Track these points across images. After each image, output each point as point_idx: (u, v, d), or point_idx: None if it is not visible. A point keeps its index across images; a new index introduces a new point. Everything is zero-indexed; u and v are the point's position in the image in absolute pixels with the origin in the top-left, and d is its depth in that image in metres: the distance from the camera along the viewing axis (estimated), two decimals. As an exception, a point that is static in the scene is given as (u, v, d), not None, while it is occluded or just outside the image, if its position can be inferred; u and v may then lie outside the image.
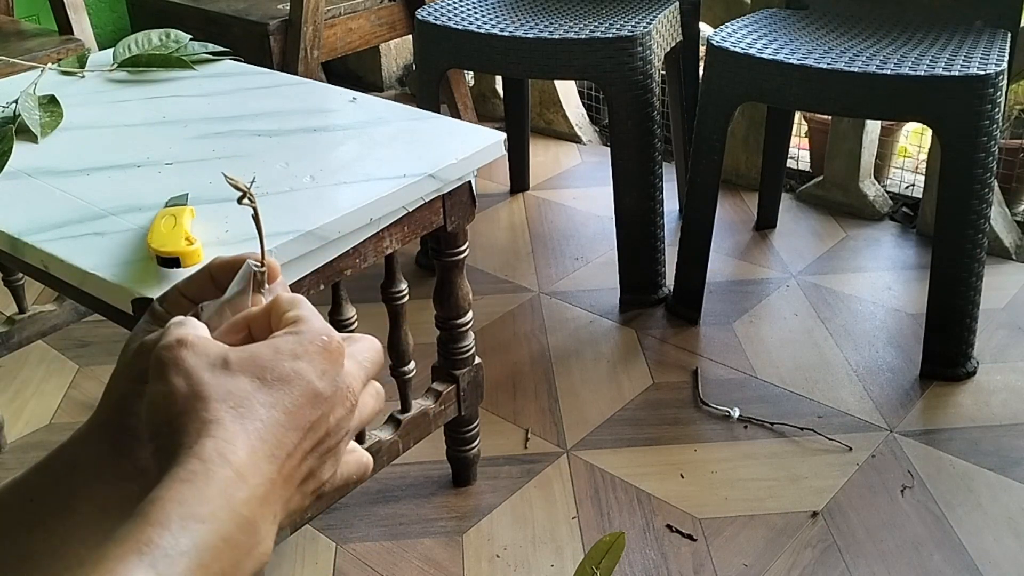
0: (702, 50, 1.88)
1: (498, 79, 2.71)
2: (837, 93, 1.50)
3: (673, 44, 1.92)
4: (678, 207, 2.04)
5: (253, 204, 0.45)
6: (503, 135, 1.14)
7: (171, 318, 0.44)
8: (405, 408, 1.27)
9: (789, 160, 2.18)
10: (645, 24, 1.71)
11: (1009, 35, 1.62)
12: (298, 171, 1.06)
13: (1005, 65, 1.46)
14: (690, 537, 1.30)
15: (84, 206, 0.99)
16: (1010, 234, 2.00)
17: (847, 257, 2.01)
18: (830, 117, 2.17)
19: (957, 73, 1.43)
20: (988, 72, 1.42)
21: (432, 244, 1.21)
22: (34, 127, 1.16)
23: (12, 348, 1.50)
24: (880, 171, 2.27)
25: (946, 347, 1.60)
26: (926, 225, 2.05)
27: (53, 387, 1.67)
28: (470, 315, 1.27)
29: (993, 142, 1.46)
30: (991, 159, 1.48)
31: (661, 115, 1.75)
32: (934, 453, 1.44)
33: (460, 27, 1.77)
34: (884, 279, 1.92)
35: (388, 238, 1.07)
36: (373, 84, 3.03)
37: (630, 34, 1.65)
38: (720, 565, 1.26)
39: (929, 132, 2.06)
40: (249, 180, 0.45)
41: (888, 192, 2.23)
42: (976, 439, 1.47)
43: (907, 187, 2.24)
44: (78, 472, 0.45)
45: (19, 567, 0.43)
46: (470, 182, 1.14)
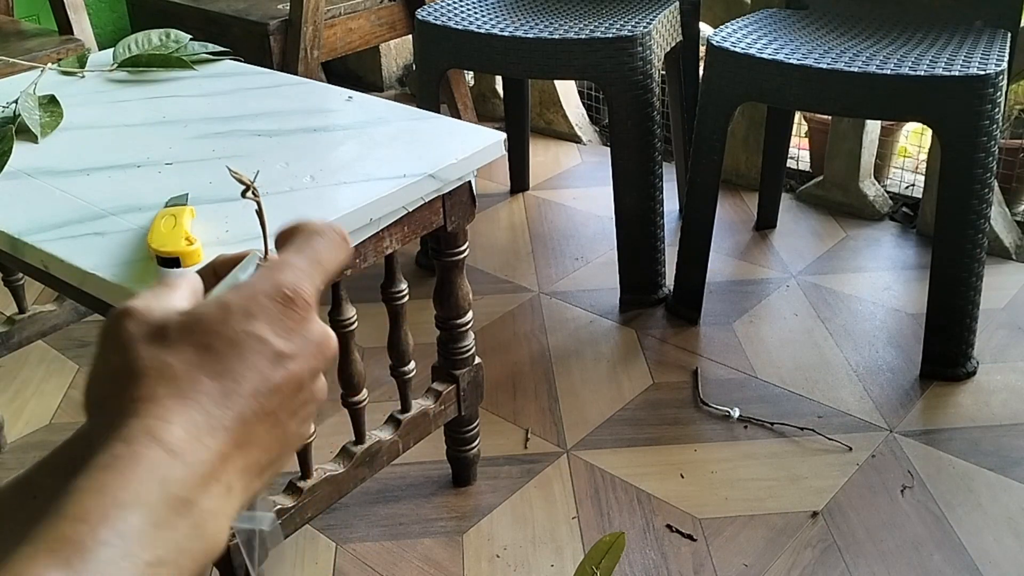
0: (702, 50, 1.88)
1: (498, 79, 2.70)
2: (837, 93, 1.50)
3: (673, 44, 1.92)
4: (678, 207, 2.04)
5: (257, 199, 0.45)
6: (503, 135, 1.14)
7: None
8: (405, 408, 1.27)
9: (789, 160, 2.18)
10: (645, 24, 1.71)
11: (1009, 35, 1.62)
12: (298, 171, 1.06)
13: (1005, 65, 1.46)
14: (690, 537, 1.30)
15: (84, 206, 0.99)
16: (1010, 234, 2.00)
17: (847, 257, 2.00)
18: (830, 117, 2.17)
19: (957, 73, 1.43)
20: (988, 72, 1.42)
21: (432, 244, 1.21)
22: (34, 127, 1.16)
23: (12, 348, 1.50)
24: (880, 171, 2.27)
25: (946, 347, 1.60)
26: (926, 225, 2.05)
27: (53, 387, 1.67)
28: (470, 315, 1.27)
29: (993, 142, 1.46)
30: (991, 159, 1.48)
31: (661, 115, 1.75)
32: (934, 453, 1.44)
33: (460, 27, 1.77)
34: (884, 279, 1.92)
35: (388, 238, 1.07)
36: (373, 84, 3.03)
37: (630, 34, 1.65)
38: (720, 565, 1.26)
39: (929, 132, 2.06)
40: (252, 176, 0.45)
41: (888, 192, 2.23)
42: (976, 439, 1.47)
43: (907, 187, 2.24)
44: (81, 469, 0.45)
45: None
46: (470, 182, 1.14)
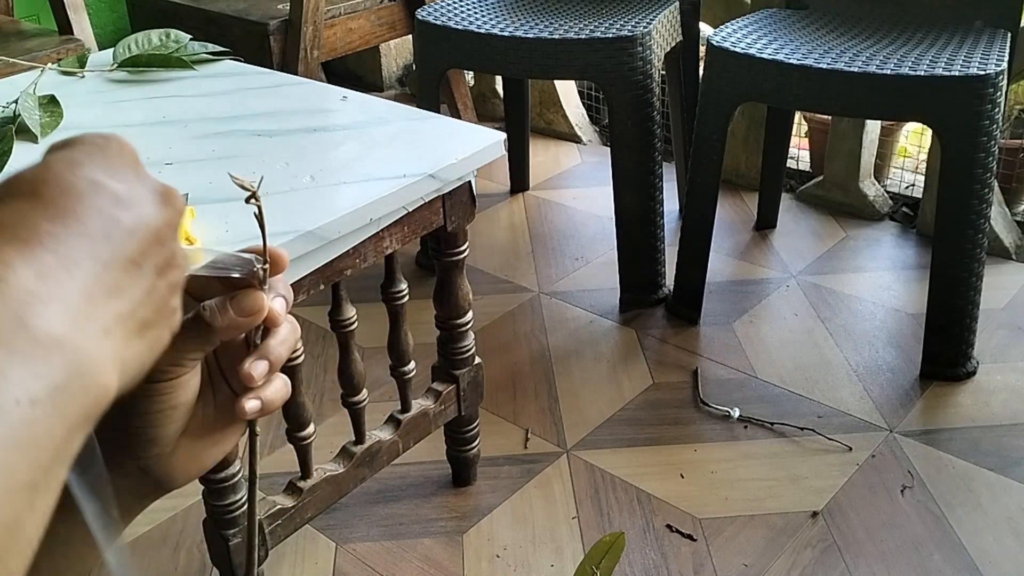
0: (702, 50, 1.88)
1: (498, 79, 2.70)
2: (837, 93, 1.50)
3: (673, 44, 1.92)
4: (678, 207, 2.04)
5: (258, 204, 0.45)
6: (503, 135, 1.14)
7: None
8: (405, 408, 1.27)
9: (789, 160, 2.18)
10: (645, 24, 1.71)
11: (1009, 35, 1.62)
12: (298, 171, 1.06)
13: (1005, 65, 1.46)
14: (690, 537, 1.30)
15: (84, 206, 0.99)
16: (1010, 234, 2.00)
17: (847, 257, 2.00)
18: (830, 117, 2.17)
19: (957, 73, 1.43)
20: (988, 72, 1.42)
21: (432, 244, 1.21)
22: (34, 127, 1.16)
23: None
24: (880, 171, 2.27)
25: (946, 347, 1.60)
26: (926, 225, 2.05)
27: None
28: (470, 315, 1.27)
29: (993, 142, 1.46)
30: (991, 159, 1.48)
31: (661, 115, 1.75)
32: (934, 453, 1.44)
33: (460, 27, 1.77)
34: (884, 279, 1.92)
35: (388, 238, 1.07)
36: (373, 84, 3.03)
37: (630, 34, 1.65)
38: (720, 565, 1.26)
39: (929, 132, 2.06)
40: (256, 181, 0.45)
41: (888, 192, 2.23)
42: (976, 439, 1.47)
43: (907, 187, 2.24)
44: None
45: None
46: (470, 182, 1.14)
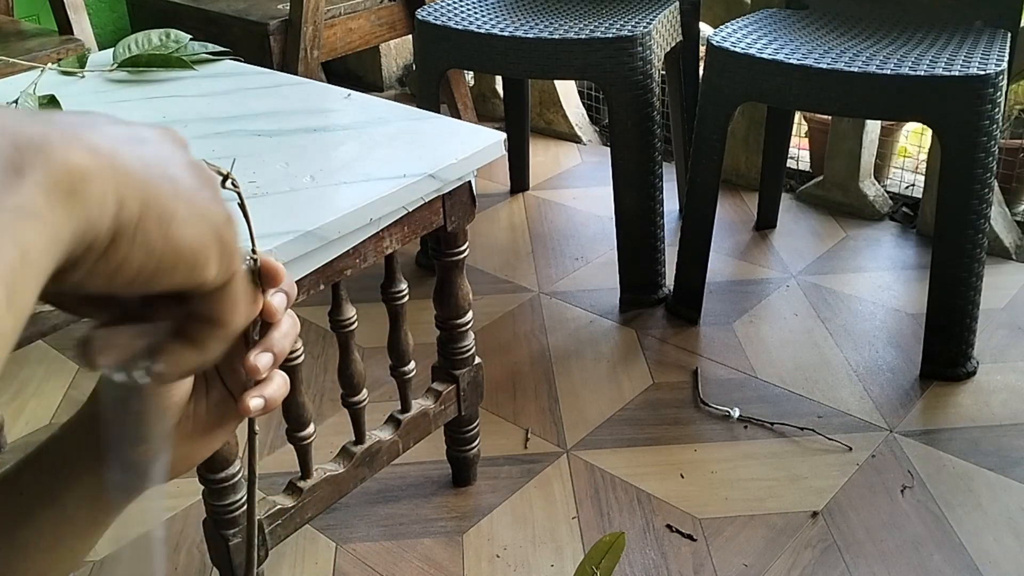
0: (702, 50, 1.88)
1: (498, 79, 2.70)
2: (837, 93, 1.50)
3: (673, 44, 1.92)
4: (678, 207, 2.04)
5: (237, 189, 0.43)
6: (503, 135, 1.14)
7: None
8: (405, 408, 1.27)
9: (789, 160, 2.18)
10: (645, 24, 1.71)
11: (1009, 35, 1.62)
12: (298, 171, 1.06)
13: (1005, 65, 1.46)
14: (690, 537, 1.30)
15: (84, 206, 0.99)
16: (1010, 234, 2.00)
17: (847, 257, 2.00)
18: (830, 117, 2.17)
19: (957, 73, 1.43)
20: (988, 72, 1.42)
21: (432, 244, 1.21)
22: (34, 127, 1.16)
23: (12, 348, 1.50)
24: (880, 171, 2.27)
25: (946, 347, 1.60)
26: (926, 225, 2.05)
27: (53, 387, 1.67)
28: (470, 315, 1.27)
29: (993, 142, 1.46)
30: (991, 159, 1.48)
31: (661, 115, 1.75)
32: (934, 453, 1.44)
33: (460, 27, 1.77)
34: (884, 279, 1.92)
35: (388, 238, 1.06)
36: (373, 84, 3.03)
37: (630, 34, 1.65)
38: (720, 565, 1.26)
39: (929, 132, 2.06)
40: (229, 164, 0.43)
41: (888, 192, 2.23)
42: (976, 439, 1.47)
43: (907, 187, 2.24)
44: (66, 465, 0.45)
45: (10, 560, 0.44)
46: (470, 182, 1.14)
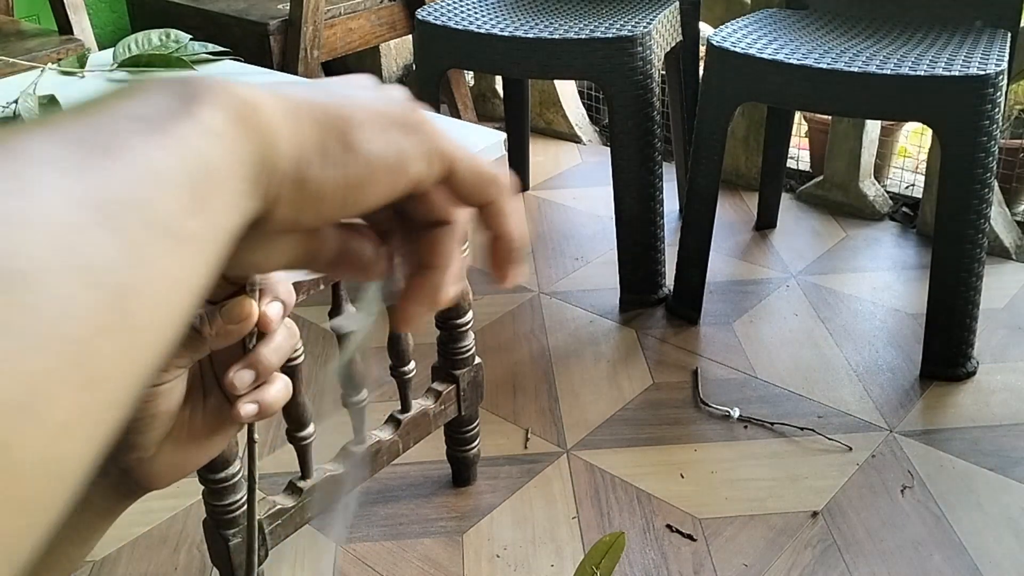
0: (702, 50, 1.88)
1: (498, 79, 2.70)
2: (837, 93, 1.50)
3: (673, 44, 1.92)
4: (678, 207, 2.04)
5: None
6: (503, 135, 1.14)
7: None
8: (405, 408, 1.27)
9: (789, 160, 2.18)
10: (645, 24, 1.71)
11: (1009, 35, 1.62)
12: (298, 171, 1.06)
13: (1005, 65, 1.46)
14: (690, 537, 1.30)
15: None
16: (1010, 234, 2.00)
17: (847, 257, 2.00)
18: (830, 117, 2.17)
19: (957, 73, 1.43)
20: (988, 72, 1.42)
21: (432, 244, 1.21)
22: (34, 127, 1.16)
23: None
24: (880, 171, 2.27)
25: (946, 347, 1.60)
26: (926, 225, 2.05)
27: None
28: (470, 315, 1.27)
29: (993, 142, 1.46)
30: (991, 159, 1.48)
31: (661, 115, 1.75)
32: (934, 453, 1.44)
33: (460, 27, 1.77)
34: (884, 279, 1.92)
35: (388, 238, 1.06)
36: (373, 84, 3.02)
37: (630, 34, 1.65)
38: (720, 565, 1.26)
39: (929, 132, 2.06)
40: None
41: (888, 192, 2.23)
42: (976, 439, 1.47)
43: (907, 187, 2.24)
44: None
45: None
46: (470, 182, 1.14)
